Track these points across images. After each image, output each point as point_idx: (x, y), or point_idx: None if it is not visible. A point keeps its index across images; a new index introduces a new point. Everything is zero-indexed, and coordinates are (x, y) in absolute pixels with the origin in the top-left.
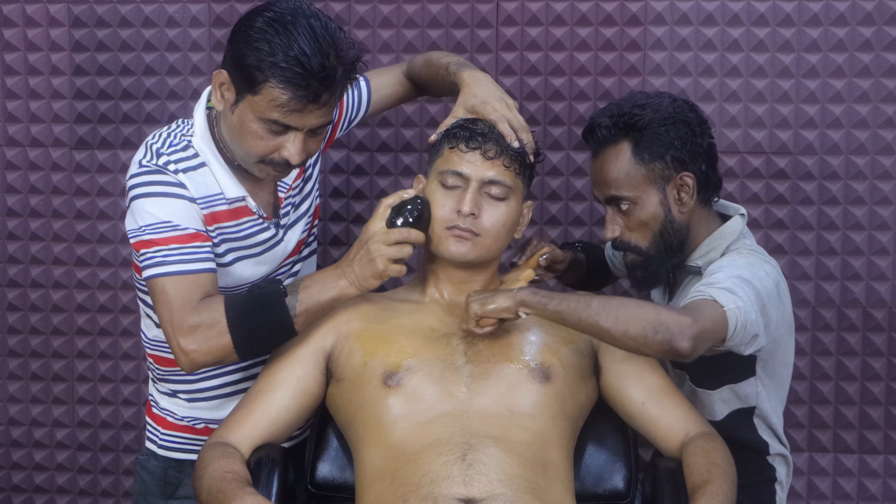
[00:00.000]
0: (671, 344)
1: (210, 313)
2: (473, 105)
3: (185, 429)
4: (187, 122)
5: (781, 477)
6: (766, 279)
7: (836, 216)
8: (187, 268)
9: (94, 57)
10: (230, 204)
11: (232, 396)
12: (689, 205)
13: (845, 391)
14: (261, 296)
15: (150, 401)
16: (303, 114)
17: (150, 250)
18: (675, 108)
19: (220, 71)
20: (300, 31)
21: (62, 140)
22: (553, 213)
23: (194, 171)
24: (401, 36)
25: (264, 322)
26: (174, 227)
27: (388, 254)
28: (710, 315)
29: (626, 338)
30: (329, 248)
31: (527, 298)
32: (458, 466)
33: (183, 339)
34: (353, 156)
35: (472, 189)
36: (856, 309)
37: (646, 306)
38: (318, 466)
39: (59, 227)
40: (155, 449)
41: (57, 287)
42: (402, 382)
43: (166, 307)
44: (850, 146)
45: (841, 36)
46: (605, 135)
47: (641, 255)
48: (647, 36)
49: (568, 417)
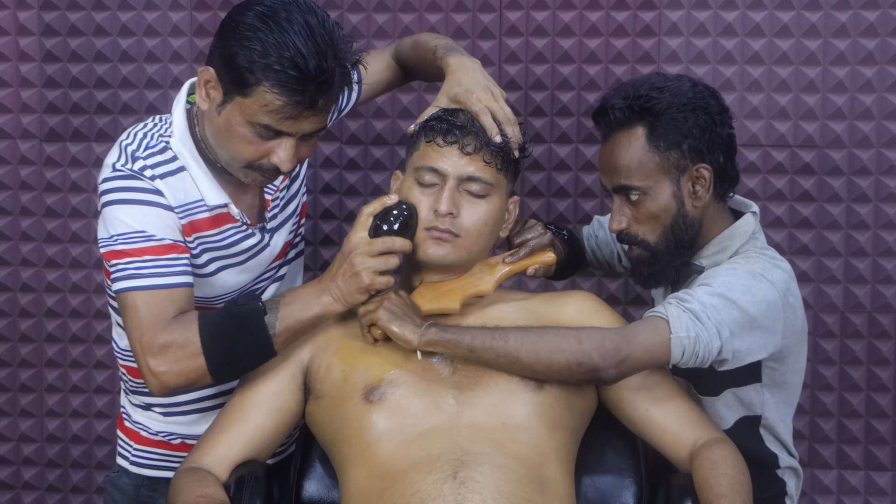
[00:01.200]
0: (595, 374)
1: (182, 332)
2: (457, 94)
3: (160, 444)
4: (165, 120)
5: (791, 491)
6: (764, 291)
7: (839, 214)
8: (161, 281)
9: (65, 42)
10: (211, 211)
11: (211, 411)
12: (704, 199)
13: (850, 403)
14: (238, 313)
15: (122, 413)
16: (297, 120)
17: (121, 261)
18: (695, 94)
19: (207, 68)
20: (296, 28)
21: (31, 132)
22: (561, 210)
23: (172, 176)
24: (397, 20)
25: (241, 342)
26: (149, 237)
27: (373, 266)
28: (644, 342)
29: (550, 371)
30: (319, 249)
31: (434, 338)
32: (449, 485)
33: (153, 360)
34: (346, 149)
35: (449, 187)
36: (860, 314)
37: (567, 334)
38: (304, 485)
39: (28, 226)
40: (127, 465)
41: (25, 290)
42: (385, 397)
43: (136, 324)
44: (880, 139)
45: (872, 20)
46: (619, 117)
47: (649, 250)
48: (661, 20)
49: (566, 428)
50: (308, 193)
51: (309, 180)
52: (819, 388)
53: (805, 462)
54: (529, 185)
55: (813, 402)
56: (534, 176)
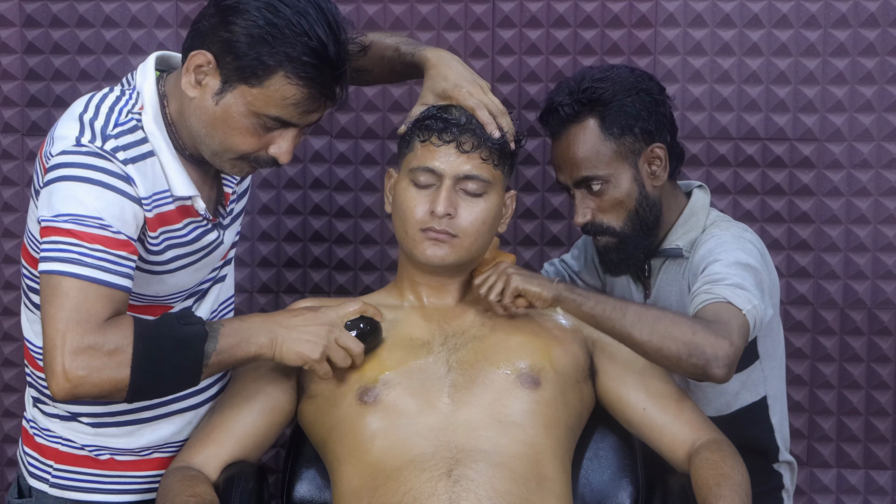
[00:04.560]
0: (705, 370)
1: (116, 338)
2: (444, 89)
3: (86, 461)
4: (130, 94)
5: (787, 483)
6: (754, 251)
7: (839, 209)
8: (104, 277)
9: (47, 33)
10: (174, 203)
11: (150, 422)
12: (662, 178)
13: (849, 401)
14: (182, 335)
15: (31, 429)
16: (312, 112)
17: (64, 240)
18: (636, 78)
19: (202, 52)
20: (311, 11)
21: (13, 125)
22: (555, 205)
23: (143, 160)
24: (388, 11)
25: (174, 364)
26: (105, 226)
27: (334, 351)
28: (738, 328)
29: (659, 356)
30: (309, 245)
31: (564, 294)
32: (443, 483)
33: (70, 359)
34: (336, 143)
35: (445, 187)
36: (860, 310)
37: (682, 323)
38: (296, 485)
39: (11, 222)
40: (46, 489)
41: (8, 288)
42: (379, 398)
43: (62, 315)
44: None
45: (872, 10)
46: (569, 112)
47: (616, 236)
48: (658, 10)
49: (563, 426)
50: (297, 189)
51: (298, 175)
52: (818, 386)
53: (804, 461)
54: (524, 180)
55: (812, 400)
56: (528, 170)
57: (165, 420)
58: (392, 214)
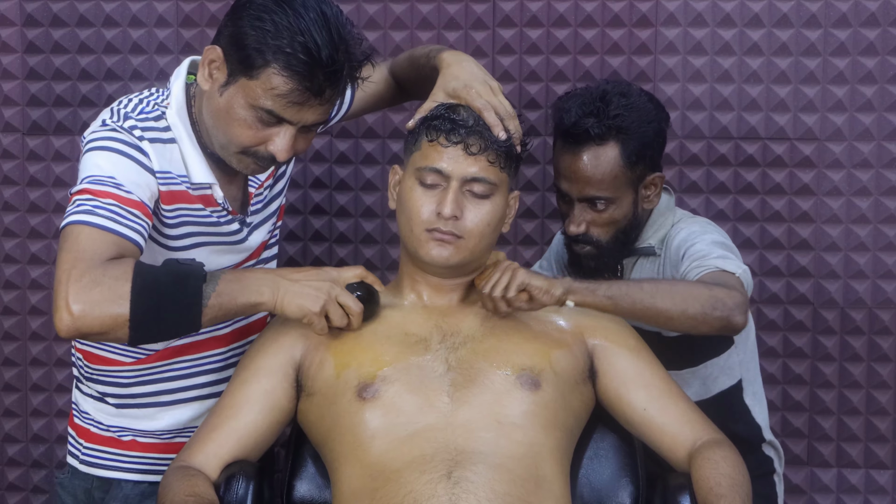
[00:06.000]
0: (729, 319)
1: (115, 273)
2: (455, 89)
3: (110, 441)
4: (162, 92)
5: (777, 467)
6: (724, 234)
7: (839, 208)
8: (114, 227)
9: (48, 32)
10: (194, 190)
11: (169, 406)
12: (654, 203)
13: (849, 400)
14: (178, 271)
15: (73, 409)
16: (302, 108)
17: (79, 198)
18: (654, 107)
19: (213, 47)
20: (311, 15)
21: (13, 125)
22: (555, 206)
23: (162, 144)
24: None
25: (172, 302)
26: (118, 185)
27: (333, 307)
28: (739, 284)
29: (685, 317)
30: (310, 244)
31: (575, 286)
32: (443, 485)
33: (74, 294)
34: (336, 143)
35: (452, 189)
36: (860, 310)
37: (695, 285)
38: (295, 485)
39: (11, 222)
40: (77, 465)
41: (8, 287)
42: (378, 394)
43: (71, 255)
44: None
45: (873, 9)
46: (597, 132)
47: (598, 248)
48: (658, 10)
49: (562, 427)
50: (298, 188)
51: (299, 175)
52: (818, 386)
53: (804, 460)
54: (524, 180)
55: (812, 400)
56: (529, 170)
57: (185, 405)
58: (397, 212)
